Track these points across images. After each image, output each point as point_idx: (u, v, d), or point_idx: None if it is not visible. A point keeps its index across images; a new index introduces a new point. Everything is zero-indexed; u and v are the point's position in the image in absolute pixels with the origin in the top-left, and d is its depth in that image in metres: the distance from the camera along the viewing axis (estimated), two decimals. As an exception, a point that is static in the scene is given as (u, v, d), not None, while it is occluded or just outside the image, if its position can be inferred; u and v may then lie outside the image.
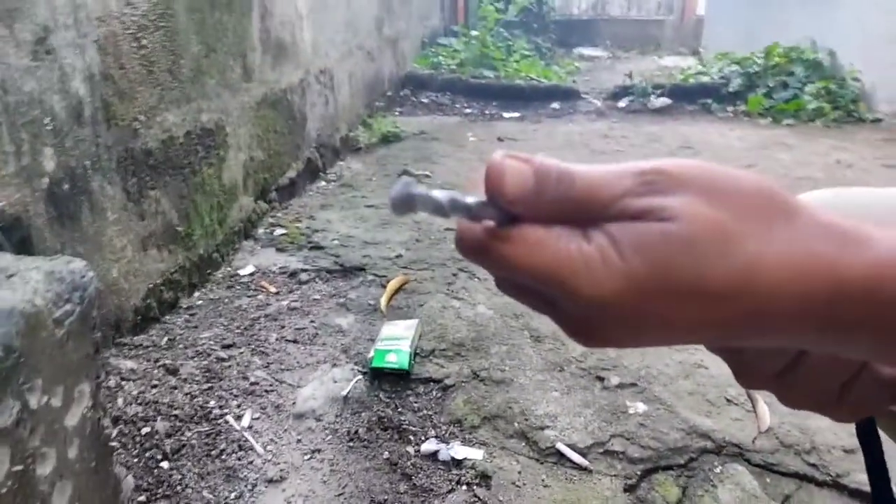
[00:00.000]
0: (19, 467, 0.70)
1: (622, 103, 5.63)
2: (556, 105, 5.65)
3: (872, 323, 0.29)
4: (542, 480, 1.36)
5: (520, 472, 1.38)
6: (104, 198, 1.68)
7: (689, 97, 5.61)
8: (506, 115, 5.36)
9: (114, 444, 0.87)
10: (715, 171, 0.31)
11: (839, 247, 0.29)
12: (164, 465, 1.31)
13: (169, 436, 1.37)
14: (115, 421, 1.35)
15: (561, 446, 1.44)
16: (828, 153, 3.96)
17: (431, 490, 1.33)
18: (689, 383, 1.67)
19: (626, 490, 1.33)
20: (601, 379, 1.67)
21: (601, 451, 1.43)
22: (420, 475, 1.37)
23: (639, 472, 1.37)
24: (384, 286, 2.18)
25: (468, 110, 5.55)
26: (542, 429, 1.49)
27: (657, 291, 0.29)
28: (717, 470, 1.38)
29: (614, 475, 1.37)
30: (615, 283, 0.29)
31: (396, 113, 5.23)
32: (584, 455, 1.42)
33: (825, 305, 0.29)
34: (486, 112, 5.48)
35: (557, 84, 6.15)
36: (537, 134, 4.66)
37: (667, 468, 1.39)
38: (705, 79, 5.93)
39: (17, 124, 1.42)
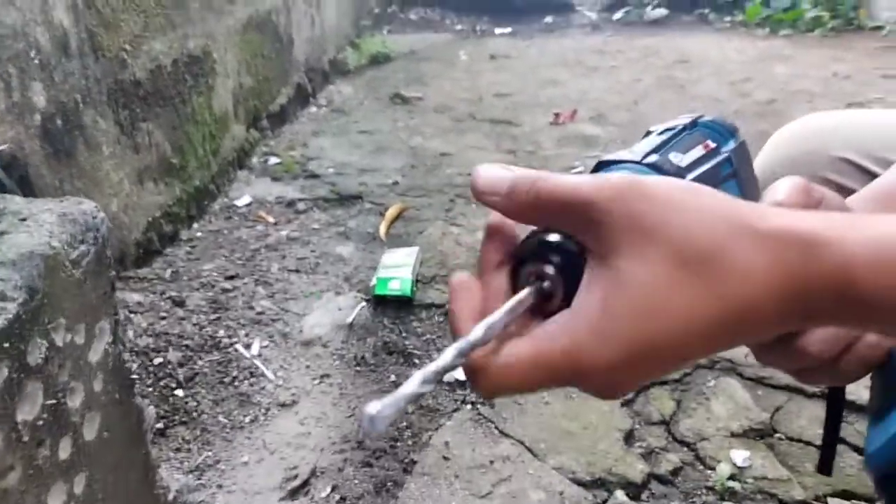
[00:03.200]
0: (52, 401, 0.74)
1: (617, 15, 5.47)
2: (548, 19, 5.50)
3: (845, 315, 0.32)
4: (543, 398, 1.42)
5: (522, 391, 1.44)
6: (98, 132, 1.66)
7: (686, 7, 5.45)
8: (497, 30, 5.22)
9: (134, 376, 0.91)
10: (670, 206, 0.32)
11: (802, 255, 0.31)
12: (179, 392, 1.36)
13: (181, 365, 1.42)
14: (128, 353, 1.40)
15: (560, 365, 1.49)
16: (825, 65, 3.90)
17: (438, 410, 1.39)
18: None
19: (623, 405, 1.40)
20: (598, 299, 1.71)
21: (599, 368, 1.49)
22: (426, 396, 1.43)
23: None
24: (382, 214, 2.19)
25: (459, 27, 5.40)
26: (542, 349, 1.55)
27: (647, 359, 0.32)
28: (711, 384, 1.45)
29: (612, 391, 1.43)
30: (611, 362, 0.32)
31: (385, 32, 5.08)
32: (582, 373, 1.47)
33: (802, 308, 0.32)
34: (478, 28, 5.33)
35: (550, -3, 5.94)
36: (530, 50, 4.55)
37: (662, 383, 1.45)
38: (702, -13, 5.75)
39: (3, 59, 1.38)
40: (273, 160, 2.61)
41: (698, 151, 0.46)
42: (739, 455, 1.27)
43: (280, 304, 1.71)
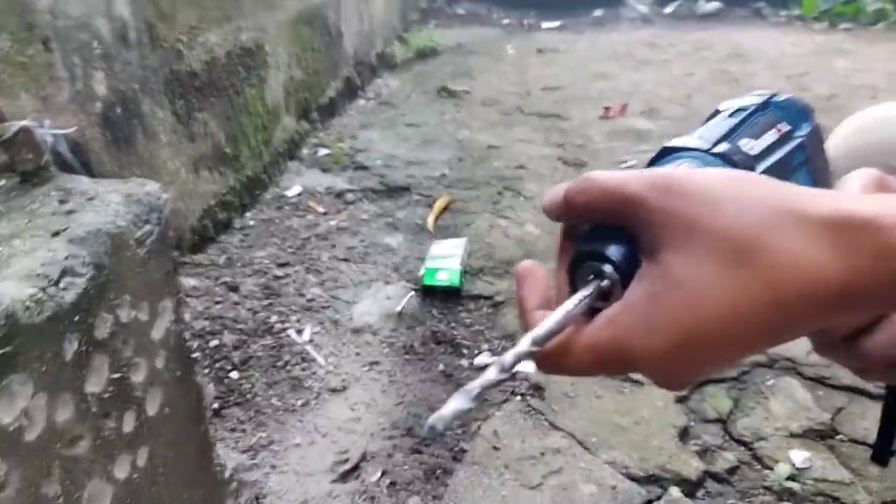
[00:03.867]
0: (117, 375, 0.76)
1: (669, 9, 5.36)
2: (598, 13, 5.42)
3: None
4: (595, 392, 1.40)
5: (572, 384, 1.42)
6: (155, 121, 1.70)
7: (740, 0, 5.31)
8: (545, 25, 5.17)
9: (195, 355, 0.92)
10: (727, 194, 0.32)
11: (858, 240, 0.30)
12: (234, 375, 1.39)
13: (236, 348, 1.44)
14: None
15: (612, 359, 1.46)
16: (889, 58, 3.74)
17: (487, 400, 1.38)
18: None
19: (677, 401, 1.36)
20: (651, 294, 1.67)
21: (652, 363, 1.46)
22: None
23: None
24: (430, 206, 2.19)
25: (506, 21, 5.37)
26: (593, 342, 1.52)
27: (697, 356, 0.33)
28: (770, 383, 1.40)
29: (665, 386, 1.40)
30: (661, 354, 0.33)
31: (431, 26, 5.08)
32: (635, 367, 1.44)
33: (858, 296, 0.30)
34: (525, 22, 5.29)
35: (599, -10, 5.86)
36: (579, 45, 4.49)
37: (719, 381, 1.41)
38: (758, -20, 5.58)
39: (68, 49, 1.43)
40: (322, 151, 2.64)
41: (771, 136, 0.44)
42: (799, 455, 1.23)
43: (330, 291, 1.73)
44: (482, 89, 3.49)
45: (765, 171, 0.42)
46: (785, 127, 0.45)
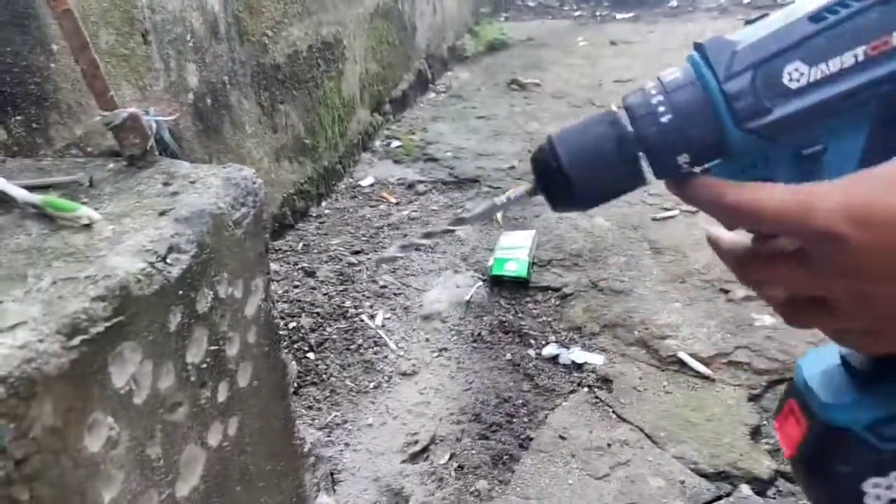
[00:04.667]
0: (214, 347, 0.81)
1: (748, -1, 5.17)
2: (673, 2, 5.28)
3: None
4: (664, 387, 1.39)
5: (640, 378, 1.41)
6: (242, 112, 1.78)
7: (827, -10, 5.06)
8: (618, 16, 5.08)
9: (282, 332, 0.97)
10: None
11: None
12: (311, 356, 1.45)
13: (313, 330, 1.50)
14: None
15: (683, 355, 1.45)
16: None
17: (553, 390, 1.40)
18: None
19: (750, 399, 1.34)
20: (725, 291, 1.64)
21: (725, 361, 1.44)
22: (542, 376, 1.44)
23: (764, 383, 1.37)
24: (499, 197, 2.21)
25: (577, 12, 5.30)
26: (664, 338, 1.51)
27: None
28: (848, 384, 1.36)
29: (738, 385, 1.38)
30: None
31: (502, 18, 5.07)
32: (706, 365, 1.43)
33: None
34: (597, 14, 5.21)
35: (675, -19, 5.70)
36: (653, 36, 4.40)
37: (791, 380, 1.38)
38: (847, -32, 5.31)
39: (164, 42, 1.52)
40: (394, 143, 2.69)
41: (848, 59, 0.32)
42: (879, 461, 1.19)
43: (401, 279, 1.77)
44: (553, 82, 3.47)
45: (791, 115, 0.33)
46: (894, 40, 0.31)
